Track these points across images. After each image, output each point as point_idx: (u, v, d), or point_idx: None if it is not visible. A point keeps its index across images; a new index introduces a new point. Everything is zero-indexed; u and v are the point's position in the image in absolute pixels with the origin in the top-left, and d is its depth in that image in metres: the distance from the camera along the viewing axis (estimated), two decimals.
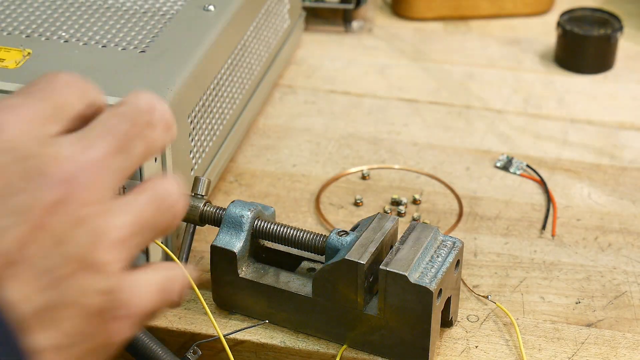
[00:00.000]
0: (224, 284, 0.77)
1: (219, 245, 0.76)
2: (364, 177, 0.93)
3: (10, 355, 0.46)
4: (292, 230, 0.76)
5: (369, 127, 1.00)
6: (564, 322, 0.78)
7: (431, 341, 0.72)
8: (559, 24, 1.09)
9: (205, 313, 0.78)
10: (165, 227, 0.53)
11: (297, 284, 0.76)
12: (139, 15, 0.86)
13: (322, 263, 0.78)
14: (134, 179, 0.72)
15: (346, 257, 0.72)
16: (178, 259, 0.77)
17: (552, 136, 0.99)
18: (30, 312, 0.47)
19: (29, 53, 0.81)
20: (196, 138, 0.83)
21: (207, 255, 0.83)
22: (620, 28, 1.08)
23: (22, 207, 0.47)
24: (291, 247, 0.77)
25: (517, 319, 0.78)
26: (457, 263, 0.74)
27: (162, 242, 0.77)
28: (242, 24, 0.92)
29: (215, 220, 0.77)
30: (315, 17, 1.18)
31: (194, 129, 0.82)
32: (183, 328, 0.77)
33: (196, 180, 0.79)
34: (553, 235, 0.87)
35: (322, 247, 0.75)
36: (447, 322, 0.76)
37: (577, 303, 0.80)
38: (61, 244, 0.47)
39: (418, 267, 0.71)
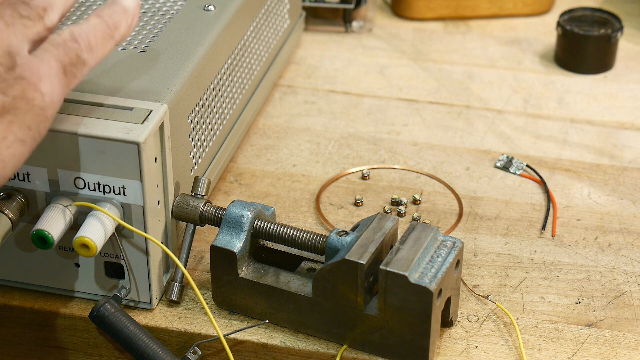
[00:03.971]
0: (224, 284, 0.77)
1: (219, 245, 0.76)
2: (364, 177, 0.93)
3: None
4: (292, 230, 0.76)
5: (369, 127, 1.00)
6: (564, 322, 0.78)
7: (431, 341, 0.72)
8: (559, 24, 1.09)
9: (205, 313, 0.78)
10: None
11: (297, 284, 0.76)
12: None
13: (322, 263, 0.78)
14: (134, 178, 0.72)
15: (346, 257, 0.72)
16: (178, 259, 0.77)
17: (552, 136, 0.99)
18: None
19: None
20: (196, 138, 0.83)
21: (207, 255, 0.83)
22: (620, 28, 1.08)
23: None
24: (291, 247, 0.77)
25: (517, 319, 0.78)
26: (457, 263, 0.74)
27: (162, 243, 0.77)
28: (242, 24, 0.92)
29: (215, 220, 0.77)
30: (315, 17, 1.18)
31: (194, 129, 0.82)
32: (183, 328, 0.77)
33: (196, 180, 0.79)
34: (553, 235, 0.87)
35: (322, 247, 0.75)
36: (447, 322, 0.76)
37: (577, 303, 0.80)
38: None
39: (418, 267, 0.72)
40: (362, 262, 0.71)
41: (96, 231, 0.72)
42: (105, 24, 0.71)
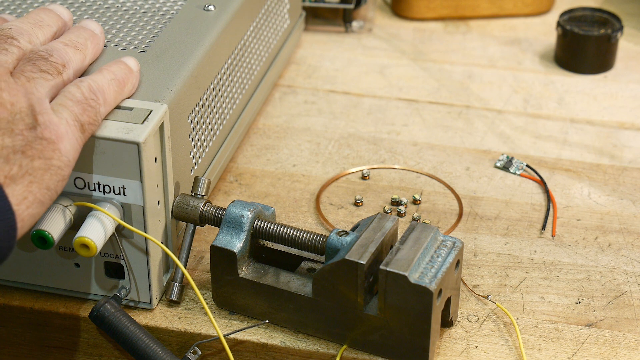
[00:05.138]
0: (224, 284, 0.77)
1: (219, 245, 0.76)
2: (364, 177, 0.93)
3: None
4: (292, 230, 0.76)
5: (369, 127, 1.00)
6: (564, 322, 0.78)
7: (431, 341, 0.72)
8: (559, 24, 1.09)
9: (205, 313, 0.78)
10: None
11: (297, 284, 0.76)
12: (139, 15, 0.86)
13: (322, 263, 0.78)
14: (134, 178, 0.72)
15: (346, 257, 0.72)
16: (178, 259, 0.77)
17: (552, 136, 0.99)
18: None
19: None
20: (196, 138, 0.83)
21: (207, 255, 0.83)
22: (620, 28, 1.08)
23: None
24: (291, 247, 0.77)
25: (517, 319, 0.78)
26: (457, 263, 0.74)
27: (162, 243, 0.77)
28: (242, 24, 0.92)
29: (215, 220, 0.77)
30: (315, 17, 1.18)
31: (194, 129, 0.82)
32: (183, 328, 0.77)
33: (196, 180, 0.79)
34: (553, 235, 0.87)
35: (322, 247, 0.75)
36: (447, 322, 0.76)
37: (577, 303, 0.80)
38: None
39: (418, 267, 0.72)
40: (362, 262, 0.71)
41: (96, 231, 0.72)
42: (117, 80, 0.73)
